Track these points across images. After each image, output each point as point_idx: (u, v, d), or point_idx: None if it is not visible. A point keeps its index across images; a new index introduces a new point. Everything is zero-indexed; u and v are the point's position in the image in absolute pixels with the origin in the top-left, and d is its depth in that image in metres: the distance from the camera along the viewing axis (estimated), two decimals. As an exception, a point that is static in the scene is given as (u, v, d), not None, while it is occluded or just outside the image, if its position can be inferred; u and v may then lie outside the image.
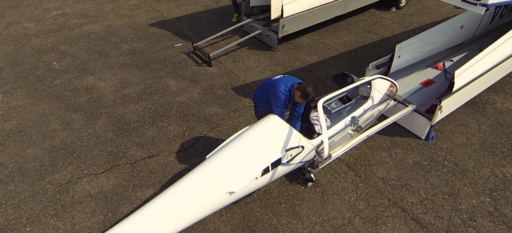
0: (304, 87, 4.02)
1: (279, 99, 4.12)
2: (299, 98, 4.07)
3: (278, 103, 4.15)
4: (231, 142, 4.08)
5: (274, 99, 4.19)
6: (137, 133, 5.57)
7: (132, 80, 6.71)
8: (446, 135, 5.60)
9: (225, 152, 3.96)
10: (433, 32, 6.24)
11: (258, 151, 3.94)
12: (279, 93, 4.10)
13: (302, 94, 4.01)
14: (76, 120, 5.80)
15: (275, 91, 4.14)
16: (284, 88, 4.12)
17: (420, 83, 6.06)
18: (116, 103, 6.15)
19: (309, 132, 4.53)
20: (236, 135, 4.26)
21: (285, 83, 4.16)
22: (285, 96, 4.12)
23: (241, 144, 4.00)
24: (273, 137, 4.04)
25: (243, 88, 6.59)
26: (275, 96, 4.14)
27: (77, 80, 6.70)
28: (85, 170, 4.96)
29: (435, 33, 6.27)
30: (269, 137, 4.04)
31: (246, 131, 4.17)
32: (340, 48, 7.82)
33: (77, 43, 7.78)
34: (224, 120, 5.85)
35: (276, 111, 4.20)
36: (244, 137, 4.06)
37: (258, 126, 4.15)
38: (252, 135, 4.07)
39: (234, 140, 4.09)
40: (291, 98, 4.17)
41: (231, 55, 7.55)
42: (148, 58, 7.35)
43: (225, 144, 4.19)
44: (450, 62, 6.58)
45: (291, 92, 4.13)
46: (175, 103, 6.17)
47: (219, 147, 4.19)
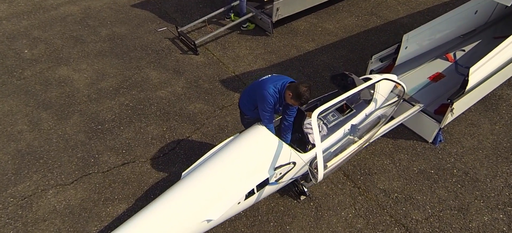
0: (297, 86, 3.40)
1: (267, 103, 3.51)
2: (291, 100, 3.45)
3: (266, 107, 3.54)
4: (211, 158, 3.53)
5: (261, 103, 3.57)
6: (111, 134, 5.00)
7: (109, 71, 6.08)
8: (455, 137, 5.04)
9: (203, 171, 3.42)
10: (444, 19, 5.54)
11: (242, 170, 3.39)
12: (267, 95, 3.48)
13: (294, 94, 3.38)
14: (46, 119, 5.22)
15: (263, 93, 3.52)
16: (273, 90, 3.50)
17: (429, 78, 5.44)
18: (91, 99, 5.55)
19: (302, 142, 3.97)
20: (217, 148, 3.70)
21: (274, 84, 3.53)
22: (274, 98, 3.51)
23: (222, 161, 3.45)
24: (259, 153, 3.48)
25: (232, 81, 5.97)
26: (263, 99, 3.53)
27: (49, 71, 6.06)
28: (51, 180, 4.44)
29: (446, 21, 5.58)
30: (255, 154, 3.48)
31: (228, 145, 3.61)
32: (341, 33, 7.12)
33: (51, 28, 7.08)
34: (209, 119, 5.27)
35: (264, 117, 3.62)
36: (226, 153, 3.51)
37: (242, 140, 3.59)
38: (234, 150, 3.50)
39: (214, 156, 3.54)
40: (282, 100, 3.57)
41: (220, 41, 6.87)
42: (129, 45, 6.67)
43: (205, 158, 3.64)
44: (461, 52, 5.93)
45: (281, 94, 3.52)
46: (156, 99, 5.57)
47: (197, 163, 3.64)
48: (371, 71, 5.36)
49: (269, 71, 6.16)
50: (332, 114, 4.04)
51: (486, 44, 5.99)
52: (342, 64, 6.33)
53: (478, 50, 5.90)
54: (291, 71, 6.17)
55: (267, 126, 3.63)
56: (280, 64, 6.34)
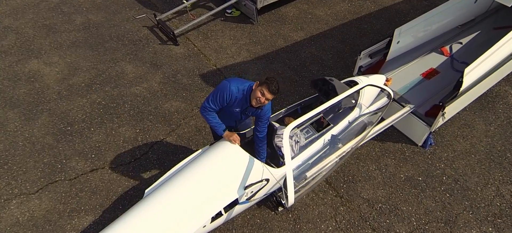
0: (263, 81, 3.00)
1: (220, 94, 3.06)
2: (258, 91, 2.98)
3: (217, 98, 3.08)
4: (176, 176, 3.24)
5: (214, 91, 3.13)
6: (81, 137, 4.70)
7: (82, 64, 5.71)
8: (446, 139, 4.73)
9: (167, 190, 3.14)
10: (442, 10, 5.12)
11: (208, 190, 3.12)
12: (226, 86, 3.05)
13: (262, 82, 2.98)
14: (12, 119, 4.91)
15: (222, 83, 3.10)
16: (236, 87, 3.08)
17: (421, 75, 5.08)
18: (61, 96, 5.21)
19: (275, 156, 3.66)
20: (184, 163, 3.41)
21: (239, 83, 3.14)
22: (232, 96, 3.07)
23: (187, 179, 3.16)
24: (228, 170, 3.19)
25: (212, 76, 5.61)
26: (218, 88, 3.10)
27: (19, 64, 5.69)
28: (15, 189, 4.18)
29: (444, 11, 5.16)
30: (223, 171, 3.19)
31: (195, 161, 3.31)
32: (331, 21, 6.68)
33: (23, 15, 6.64)
34: (186, 119, 4.96)
35: (206, 107, 3.15)
36: (192, 170, 3.22)
37: (210, 155, 3.29)
38: (201, 167, 3.22)
39: (180, 173, 3.25)
40: (247, 103, 3.15)
41: (203, 29, 6.45)
42: (104, 35, 6.26)
43: (171, 174, 3.36)
44: (458, 45, 5.53)
45: (246, 95, 3.10)
46: (130, 96, 5.24)
47: (162, 179, 3.36)
48: (360, 67, 5.01)
49: (253, 64, 5.80)
50: (306, 131, 3.70)
51: (485, 36, 5.58)
52: (331, 56, 5.94)
53: (476, 43, 5.50)
54: (277, 64, 5.80)
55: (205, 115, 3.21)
56: (266, 56, 5.95)
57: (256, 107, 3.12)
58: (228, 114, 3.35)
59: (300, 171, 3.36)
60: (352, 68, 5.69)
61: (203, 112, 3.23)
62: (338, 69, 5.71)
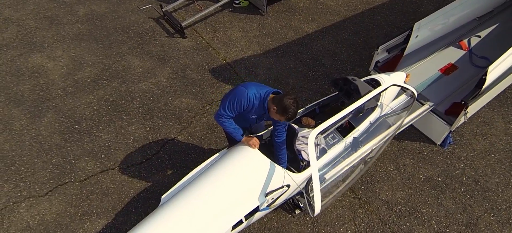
0: (281, 99, 2.82)
1: (237, 101, 2.91)
2: (276, 114, 2.89)
3: (234, 104, 2.93)
4: (194, 182, 3.11)
5: (230, 96, 2.97)
6: (89, 136, 4.56)
7: (87, 58, 5.52)
8: (465, 138, 4.61)
9: (185, 198, 3.01)
10: (461, 2, 4.93)
11: (229, 199, 2.99)
12: (243, 93, 2.89)
13: (279, 108, 2.82)
14: (18, 117, 4.75)
15: (239, 89, 2.95)
16: (253, 94, 2.92)
17: (439, 70, 4.91)
18: (67, 92, 5.04)
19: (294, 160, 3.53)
20: (202, 168, 3.28)
21: (257, 88, 2.98)
22: (249, 103, 2.92)
23: (206, 187, 3.03)
24: (248, 177, 3.06)
25: (222, 70, 5.43)
26: (234, 94, 2.95)
27: (22, 58, 5.50)
28: (24, 191, 4.06)
29: (463, 4, 4.96)
30: (244, 178, 3.06)
31: (213, 167, 3.18)
32: (344, 11, 6.46)
33: (24, 6, 6.40)
34: (197, 117, 4.81)
35: (221, 114, 3.01)
36: (211, 177, 3.08)
37: (229, 161, 3.15)
38: (221, 174, 3.08)
39: (198, 180, 3.12)
40: (262, 111, 3.02)
41: (210, 21, 6.23)
42: (109, 27, 6.05)
43: (188, 180, 3.23)
44: (476, 38, 5.34)
45: (263, 102, 2.94)
46: (138, 92, 5.07)
47: (179, 185, 3.23)
48: (377, 62, 4.84)
49: (264, 58, 5.62)
50: (332, 136, 3.55)
51: (503, 29, 5.40)
52: (345, 49, 5.76)
53: (495, 35, 5.32)
54: (288, 58, 5.62)
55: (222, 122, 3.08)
56: (276, 49, 5.76)
57: None
58: (243, 119, 3.21)
59: (324, 178, 3.24)
60: (366, 62, 5.53)
61: (218, 119, 3.08)
62: (352, 63, 5.54)
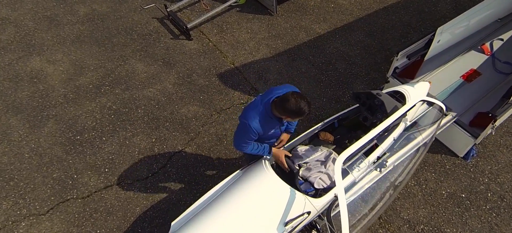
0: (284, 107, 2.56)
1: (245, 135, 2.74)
2: (294, 120, 2.79)
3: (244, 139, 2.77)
4: (207, 210, 2.88)
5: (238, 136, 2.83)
6: (92, 147, 4.32)
7: (89, 62, 5.25)
8: (489, 150, 4.36)
9: (198, 227, 2.78)
10: (485, 4, 4.63)
11: (246, 228, 2.75)
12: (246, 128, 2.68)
13: (292, 114, 2.60)
14: (16, 126, 4.51)
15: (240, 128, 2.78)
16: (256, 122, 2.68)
17: (461, 77, 4.64)
18: (68, 99, 4.79)
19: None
20: (214, 193, 3.04)
21: (255, 112, 2.71)
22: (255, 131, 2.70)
23: (220, 216, 2.80)
24: (267, 206, 2.82)
25: (231, 75, 5.16)
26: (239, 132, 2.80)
27: (20, 62, 5.23)
28: (24, 209, 3.84)
29: (485, 6, 4.67)
30: (261, 207, 2.82)
31: (228, 192, 2.94)
32: (356, 11, 6.16)
33: (22, 5, 6.11)
34: (205, 126, 4.56)
35: (239, 146, 2.85)
36: (225, 204, 2.85)
37: (245, 186, 2.91)
38: (236, 201, 2.84)
39: (211, 207, 2.89)
40: (277, 123, 2.81)
41: (217, 21, 5.94)
42: (111, 28, 5.76)
43: (199, 206, 3.00)
44: (499, 41, 5.05)
45: (272, 117, 2.72)
46: (143, 99, 4.82)
47: (190, 210, 3.00)
48: (395, 68, 4.56)
49: (274, 61, 5.34)
50: (360, 162, 3.19)
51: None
52: (359, 52, 5.48)
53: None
54: (300, 62, 5.34)
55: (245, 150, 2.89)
56: (287, 52, 5.49)
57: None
58: (266, 140, 2.99)
59: (350, 205, 2.99)
60: (382, 66, 5.28)
61: (240, 149, 2.89)
62: (367, 67, 5.26)
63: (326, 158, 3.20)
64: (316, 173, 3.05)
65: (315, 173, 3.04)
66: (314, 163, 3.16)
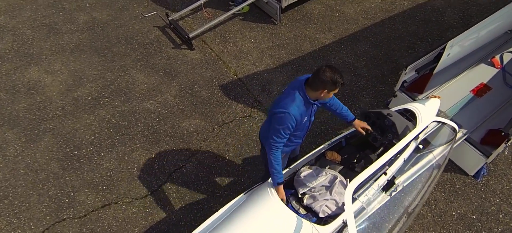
0: (320, 80, 2.60)
1: (285, 126, 2.67)
2: (330, 93, 2.70)
3: (284, 131, 2.69)
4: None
5: (276, 124, 2.70)
6: (90, 163, 4.19)
7: (88, 73, 5.12)
8: (500, 168, 4.22)
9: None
10: (495, 17, 4.49)
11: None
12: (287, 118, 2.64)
13: (328, 86, 2.61)
14: (12, 140, 4.37)
15: (281, 118, 2.66)
16: (294, 108, 2.66)
17: (471, 91, 4.49)
18: (65, 112, 4.66)
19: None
20: (217, 219, 2.90)
21: (290, 99, 2.69)
22: (295, 119, 2.67)
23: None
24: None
25: (233, 87, 5.03)
26: (279, 123, 2.68)
27: (17, 73, 5.11)
28: (18, 229, 3.70)
29: (495, 18, 4.53)
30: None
31: (232, 219, 2.80)
32: (362, 20, 6.02)
33: (20, 12, 5.98)
34: (207, 141, 4.42)
35: (274, 142, 2.73)
36: (228, 231, 2.70)
37: (250, 215, 2.76)
38: (239, 229, 2.70)
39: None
40: (310, 107, 2.79)
41: (220, 30, 5.80)
42: (111, 36, 5.63)
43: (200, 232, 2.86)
44: (509, 54, 4.91)
45: (307, 100, 2.71)
46: (143, 112, 4.68)
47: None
48: (404, 82, 4.42)
49: (278, 72, 5.21)
50: (369, 187, 3.05)
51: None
52: (365, 63, 5.33)
53: (531, 51, 4.89)
54: (304, 73, 5.13)
55: (274, 154, 2.78)
56: (291, 63, 5.35)
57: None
58: (296, 134, 2.93)
59: None
60: (389, 78, 5.14)
61: (270, 152, 2.77)
62: (373, 79, 5.12)
63: (331, 182, 3.05)
64: (322, 201, 2.90)
65: (321, 201, 2.90)
66: (318, 189, 3.01)
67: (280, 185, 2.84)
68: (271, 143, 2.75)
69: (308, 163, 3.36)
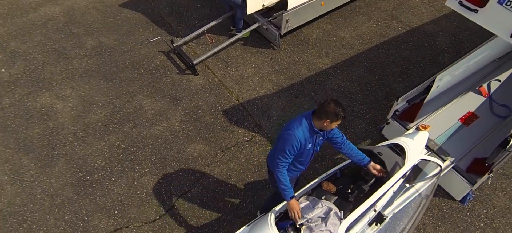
0: (324, 111, 2.98)
1: (290, 145, 3.03)
2: (332, 124, 3.04)
3: (288, 151, 3.05)
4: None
5: (282, 144, 3.07)
6: (101, 188, 4.47)
7: (97, 98, 5.40)
8: (485, 193, 4.51)
9: None
10: (483, 48, 4.79)
11: None
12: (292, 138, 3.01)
13: (330, 117, 2.97)
14: (28, 166, 4.65)
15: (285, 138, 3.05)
16: (299, 131, 3.04)
17: (460, 120, 4.79)
18: (77, 138, 4.94)
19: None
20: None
21: (298, 123, 3.09)
22: (299, 141, 3.04)
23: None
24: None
25: (235, 112, 5.31)
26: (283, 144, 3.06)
27: (30, 98, 5.38)
28: (36, 252, 3.99)
29: (484, 52, 4.83)
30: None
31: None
32: (357, 44, 6.31)
33: (31, 37, 6.26)
34: (210, 166, 4.71)
35: (280, 161, 3.10)
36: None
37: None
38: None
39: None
40: (315, 134, 3.14)
41: (222, 55, 6.09)
42: (118, 62, 5.91)
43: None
44: (496, 82, 5.20)
45: (312, 128, 3.08)
46: (150, 138, 4.96)
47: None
48: (395, 111, 4.70)
49: (277, 97, 5.49)
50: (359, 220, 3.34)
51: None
52: (359, 89, 5.63)
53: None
54: (302, 98, 5.50)
55: (281, 172, 3.12)
56: (290, 88, 5.64)
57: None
58: (300, 160, 3.28)
59: None
60: (382, 103, 5.44)
61: (277, 170, 3.13)
62: (367, 105, 5.41)
63: (326, 214, 3.33)
64: (318, 232, 3.19)
65: (317, 232, 3.18)
66: (315, 220, 3.30)
67: (292, 198, 3.17)
68: (278, 162, 3.11)
69: (306, 193, 3.65)
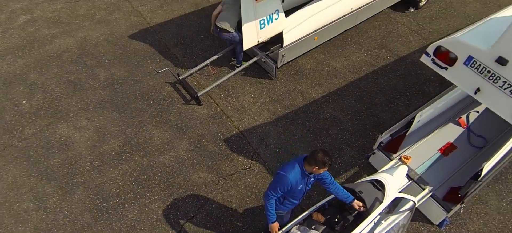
0: (314, 159, 3.49)
1: (280, 185, 3.60)
2: (320, 170, 3.56)
3: (278, 188, 3.62)
4: None
5: (274, 182, 3.69)
6: (117, 214, 5.00)
7: (110, 129, 5.94)
8: (461, 217, 5.01)
9: None
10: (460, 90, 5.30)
11: None
12: (284, 179, 3.57)
13: (318, 165, 3.49)
14: (50, 193, 5.20)
15: (279, 177, 3.63)
16: (292, 174, 3.58)
17: (439, 150, 5.28)
18: (94, 167, 5.48)
19: None
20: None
21: (292, 167, 3.62)
22: (290, 183, 3.57)
23: None
24: None
25: (236, 140, 5.84)
26: (275, 182, 3.66)
27: (49, 129, 5.93)
28: (60, 273, 4.52)
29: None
30: None
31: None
32: (348, 74, 6.82)
33: (48, 69, 6.81)
34: (213, 193, 5.23)
35: (270, 194, 3.68)
36: None
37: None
38: None
39: None
40: (306, 177, 3.69)
41: (224, 85, 6.62)
42: (129, 93, 6.45)
43: None
44: (475, 114, 5.69)
45: (303, 172, 3.62)
46: (159, 166, 5.50)
47: None
48: (380, 143, 5.20)
49: (274, 126, 6.01)
50: None
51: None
52: (350, 118, 6.14)
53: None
54: (296, 127, 6.01)
55: (269, 202, 3.71)
56: (285, 117, 6.16)
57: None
58: (293, 196, 3.83)
59: None
60: (370, 132, 5.94)
61: (266, 200, 3.73)
62: (356, 133, 5.92)
63: (316, 242, 3.86)
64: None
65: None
66: None
67: (273, 223, 3.82)
68: (268, 194, 3.70)
69: (298, 222, 4.17)
